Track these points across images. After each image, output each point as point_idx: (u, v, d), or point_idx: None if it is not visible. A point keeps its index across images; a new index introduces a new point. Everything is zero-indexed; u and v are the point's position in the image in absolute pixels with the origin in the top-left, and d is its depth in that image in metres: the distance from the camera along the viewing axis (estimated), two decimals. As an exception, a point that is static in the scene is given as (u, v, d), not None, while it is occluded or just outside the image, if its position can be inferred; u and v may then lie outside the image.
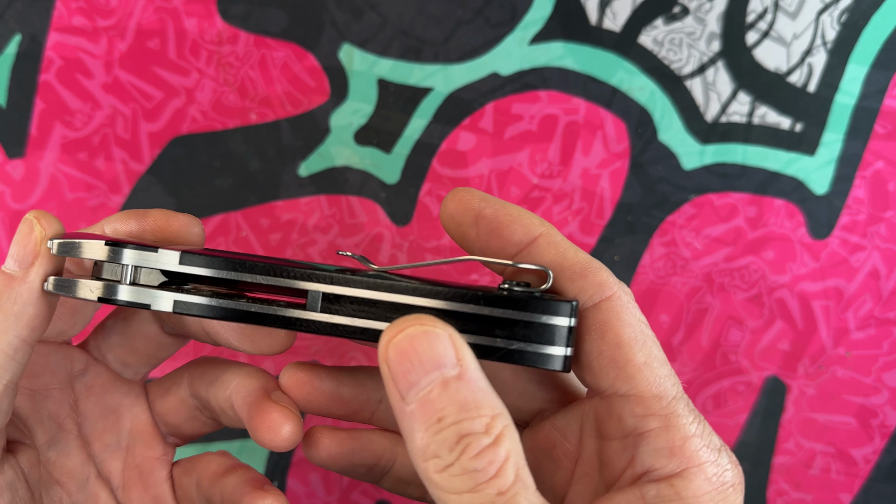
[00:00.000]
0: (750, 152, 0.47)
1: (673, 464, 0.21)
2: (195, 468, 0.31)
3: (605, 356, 0.23)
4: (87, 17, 0.44)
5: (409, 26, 0.45)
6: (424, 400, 0.20)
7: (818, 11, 0.46)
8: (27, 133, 0.45)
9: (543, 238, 0.24)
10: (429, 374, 0.21)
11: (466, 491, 0.20)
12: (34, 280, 0.25)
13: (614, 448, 0.23)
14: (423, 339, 0.21)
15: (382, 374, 0.21)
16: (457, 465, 0.20)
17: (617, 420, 0.23)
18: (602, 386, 0.23)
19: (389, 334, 0.21)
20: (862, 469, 0.50)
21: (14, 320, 0.25)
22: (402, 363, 0.21)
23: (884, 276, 0.48)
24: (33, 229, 0.25)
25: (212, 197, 0.46)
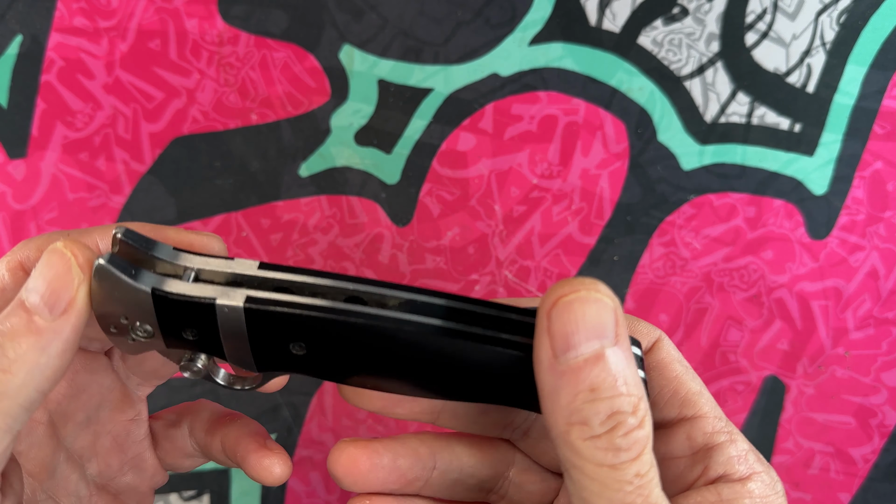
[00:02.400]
0: (749, 153, 0.47)
1: (743, 468, 0.24)
2: (184, 417, 0.30)
3: (668, 389, 0.26)
4: (88, 18, 0.44)
5: (410, 27, 0.45)
6: (580, 366, 0.21)
7: (817, 12, 0.46)
8: (28, 133, 0.45)
9: None
10: (590, 340, 0.21)
11: (608, 466, 0.21)
12: (69, 332, 0.22)
13: (683, 464, 0.25)
14: (593, 305, 0.21)
15: (538, 326, 0.21)
16: (604, 439, 0.21)
17: (685, 440, 0.25)
18: (670, 416, 0.26)
19: (559, 291, 0.21)
20: (861, 468, 0.51)
21: (38, 373, 0.22)
22: (567, 323, 0.21)
23: (883, 276, 0.48)
24: (70, 272, 0.22)
25: (213, 197, 0.46)
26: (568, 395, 0.21)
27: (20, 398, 0.21)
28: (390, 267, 0.47)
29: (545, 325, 0.21)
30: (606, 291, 0.21)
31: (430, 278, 0.48)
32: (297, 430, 0.49)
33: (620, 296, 0.48)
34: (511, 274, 0.48)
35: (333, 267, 0.47)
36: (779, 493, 0.24)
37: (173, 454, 0.31)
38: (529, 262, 0.48)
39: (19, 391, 0.21)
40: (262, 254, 0.47)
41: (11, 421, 0.22)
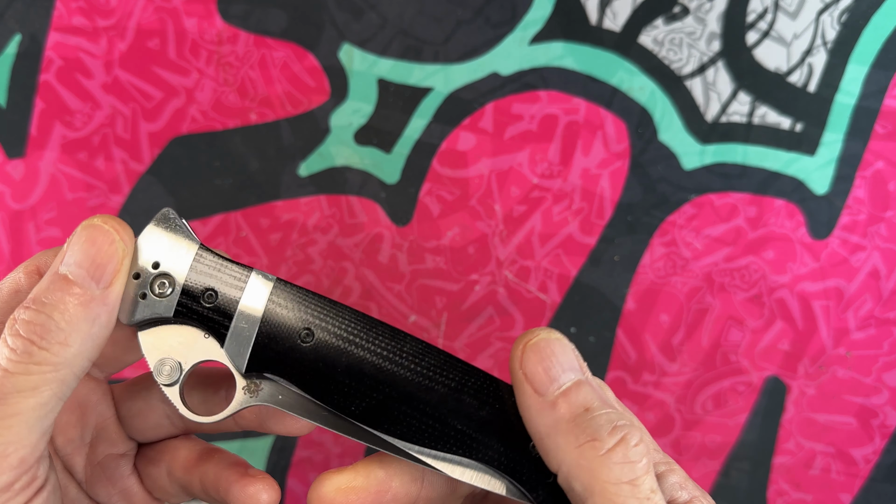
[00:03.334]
0: (750, 152, 0.47)
1: (685, 494, 0.24)
2: (161, 458, 0.30)
3: None
4: (87, 17, 0.44)
5: (409, 26, 0.45)
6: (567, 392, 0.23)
7: (818, 11, 0.46)
8: (27, 133, 0.45)
9: None
10: (566, 372, 0.23)
11: (627, 483, 0.21)
12: (115, 302, 0.23)
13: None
14: (559, 343, 0.23)
15: (515, 381, 0.23)
16: (619, 452, 0.21)
17: None
18: None
19: (523, 340, 0.23)
20: (862, 469, 0.50)
21: (89, 342, 0.23)
22: (541, 362, 0.23)
23: (884, 276, 0.48)
24: (114, 244, 0.23)
25: (212, 197, 0.46)
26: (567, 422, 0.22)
27: (75, 367, 0.22)
28: (390, 267, 0.47)
29: (521, 375, 0.23)
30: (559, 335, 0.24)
31: (430, 278, 0.48)
32: (297, 431, 0.49)
33: (621, 296, 0.48)
34: (511, 274, 0.48)
35: (333, 267, 0.47)
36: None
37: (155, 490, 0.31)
38: (530, 261, 0.48)
39: (74, 360, 0.22)
40: (262, 254, 0.47)
41: (66, 389, 0.23)
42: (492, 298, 0.48)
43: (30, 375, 0.22)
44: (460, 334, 0.48)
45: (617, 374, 0.49)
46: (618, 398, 0.27)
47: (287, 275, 0.47)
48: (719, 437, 0.50)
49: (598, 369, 0.49)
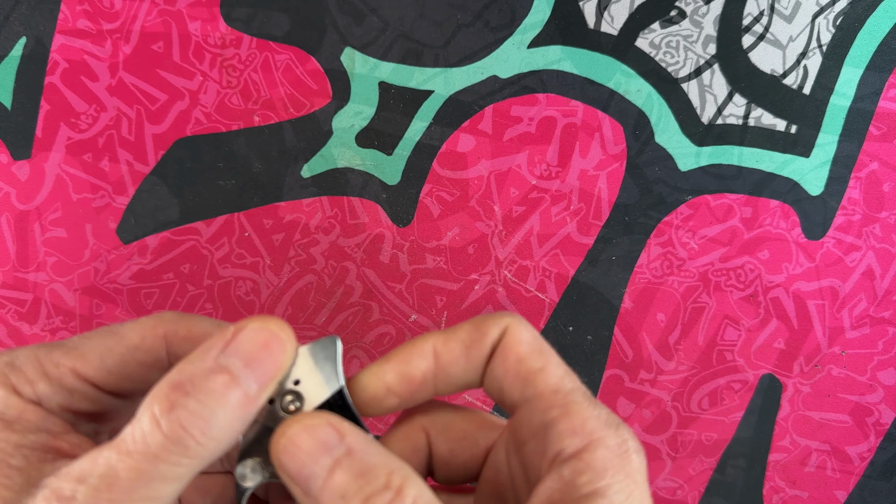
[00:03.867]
0: (745, 154, 0.47)
1: (577, 441, 0.23)
2: None
3: (511, 373, 0.25)
4: (92, 21, 0.44)
5: (410, 30, 0.45)
6: (324, 487, 0.22)
7: (813, 14, 0.46)
8: (33, 134, 0.45)
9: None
10: (319, 460, 0.22)
11: None
12: (263, 401, 0.23)
13: (531, 448, 0.24)
14: (304, 433, 0.23)
15: (284, 482, 0.23)
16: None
17: (527, 423, 0.24)
18: (514, 399, 0.25)
19: (274, 443, 0.23)
20: (857, 466, 0.50)
21: (233, 441, 0.23)
22: (293, 462, 0.22)
23: (879, 276, 0.48)
24: (285, 354, 0.23)
25: (215, 198, 0.46)
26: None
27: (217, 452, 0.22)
28: (391, 267, 0.47)
29: (285, 476, 0.23)
30: (311, 415, 0.23)
31: (430, 278, 0.48)
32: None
33: (618, 295, 0.48)
34: (510, 274, 0.48)
35: (335, 266, 0.47)
36: (627, 452, 0.23)
37: None
38: (528, 261, 0.48)
39: (216, 455, 0.22)
40: (265, 254, 0.47)
41: (197, 469, 0.22)
42: (491, 298, 0.48)
43: (178, 467, 0.21)
44: (460, 333, 0.49)
45: (614, 372, 0.49)
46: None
47: (289, 274, 0.47)
48: (715, 435, 0.50)
49: (595, 367, 0.49)
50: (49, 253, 0.46)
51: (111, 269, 0.46)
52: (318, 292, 0.47)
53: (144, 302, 0.47)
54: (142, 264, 0.46)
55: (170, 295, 0.47)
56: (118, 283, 0.46)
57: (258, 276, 0.47)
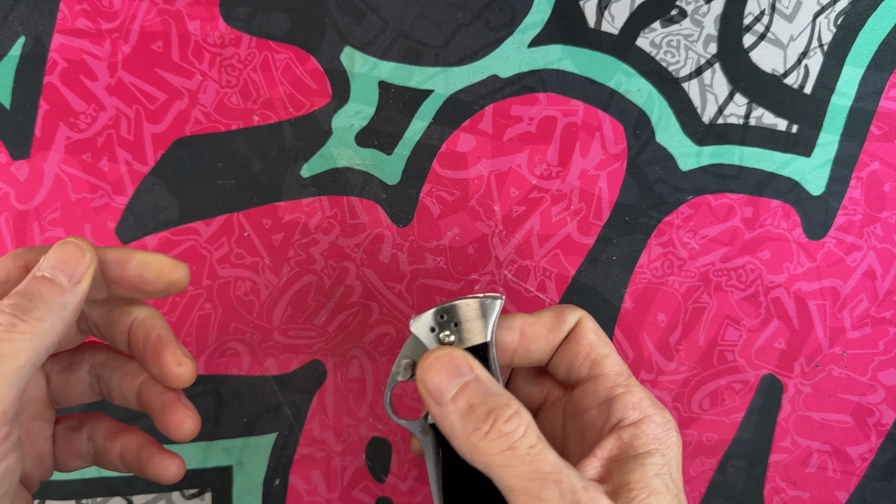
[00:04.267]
0: (746, 153, 0.47)
1: (636, 413, 0.31)
2: (84, 426, 0.36)
3: (582, 354, 0.33)
4: (91, 20, 0.44)
5: (410, 29, 0.45)
6: (455, 398, 0.29)
7: (814, 14, 0.46)
8: (31, 134, 0.45)
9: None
10: (453, 380, 0.29)
11: (506, 449, 0.27)
12: (81, 293, 0.29)
13: (592, 414, 0.32)
14: (445, 358, 0.30)
15: (421, 395, 0.30)
16: (494, 431, 0.28)
17: (592, 395, 0.33)
18: (581, 375, 0.33)
19: (420, 362, 0.30)
20: (858, 467, 0.51)
21: (61, 324, 0.29)
22: (431, 379, 0.30)
23: (880, 276, 0.48)
24: (84, 254, 0.30)
25: (215, 198, 0.46)
26: (458, 420, 0.29)
27: (46, 341, 0.28)
28: (391, 267, 0.47)
29: (423, 390, 0.30)
30: (451, 348, 0.31)
31: (430, 278, 0.48)
32: (299, 429, 0.49)
33: (619, 295, 0.48)
34: (510, 274, 0.48)
35: (334, 266, 0.47)
36: (670, 429, 0.31)
37: (67, 454, 0.36)
38: (529, 262, 0.48)
39: (47, 334, 0.28)
40: (264, 254, 0.47)
41: (38, 359, 0.28)
42: (491, 298, 0.48)
43: (11, 342, 0.27)
44: (460, 333, 0.49)
45: (615, 372, 0.49)
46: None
47: (289, 275, 0.47)
48: (716, 435, 0.50)
49: (596, 368, 0.49)
50: (48, 253, 0.46)
51: (110, 270, 0.46)
52: (318, 292, 0.47)
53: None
54: (141, 264, 0.46)
55: (169, 295, 0.47)
56: (117, 284, 0.46)
57: (257, 276, 0.47)
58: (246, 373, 0.48)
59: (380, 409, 0.49)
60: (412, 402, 0.49)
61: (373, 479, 0.50)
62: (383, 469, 0.50)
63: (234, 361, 0.48)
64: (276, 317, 0.48)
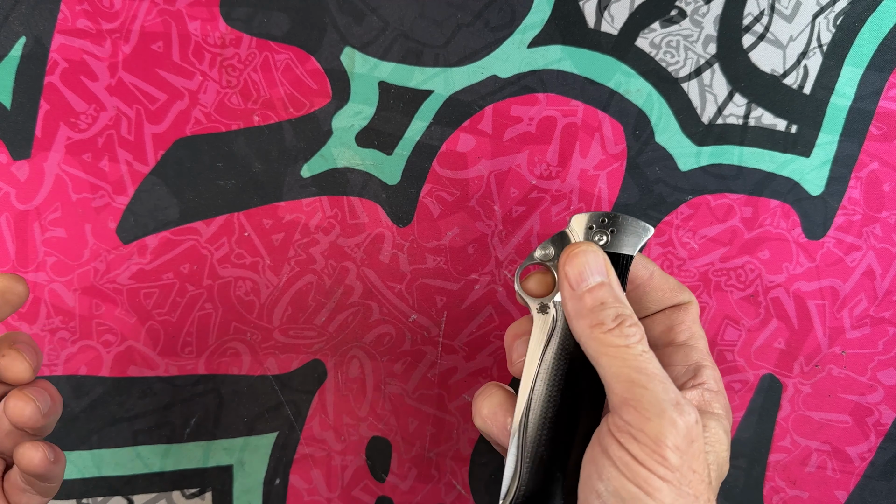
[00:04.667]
0: (746, 154, 0.47)
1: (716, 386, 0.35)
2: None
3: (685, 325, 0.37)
4: (92, 20, 0.44)
5: (410, 30, 0.45)
6: (591, 290, 0.33)
7: (814, 14, 0.46)
8: (32, 134, 0.45)
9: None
10: (594, 275, 0.33)
11: (623, 346, 0.31)
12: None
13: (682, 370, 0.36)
14: (590, 253, 0.34)
15: (559, 276, 0.34)
16: (616, 330, 0.32)
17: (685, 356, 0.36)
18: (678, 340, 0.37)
19: (569, 249, 0.34)
20: (857, 466, 0.51)
21: None
22: (575, 266, 0.33)
23: (879, 276, 0.49)
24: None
25: (215, 198, 0.46)
26: (588, 310, 0.32)
27: None
28: (391, 267, 0.48)
29: (563, 273, 0.34)
30: (597, 247, 0.34)
31: (430, 278, 0.48)
32: (299, 428, 0.49)
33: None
34: (510, 274, 0.48)
35: (334, 266, 0.47)
36: (730, 414, 0.35)
37: None
38: (528, 261, 0.48)
39: None
40: (265, 253, 0.47)
41: None
42: (491, 297, 0.48)
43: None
44: (460, 333, 0.49)
45: (615, 372, 0.49)
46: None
47: (289, 274, 0.47)
48: (715, 435, 0.50)
49: (596, 368, 0.49)
50: (49, 253, 0.46)
51: (111, 269, 0.46)
52: (318, 292, 0.48)
53: (144, 302, 0.47)
54: (141, 264, 0.46)
55: (169, 295, 0.47)
56: (118, 283, 0.46)
57: (258, 275, 0.47)
58: (246, 372, 0.48)
59: (380, 409, 0.49)
60: (412, 401, 0.49)
61: (373, 479, 0.50)
62: (383, 468, 0.50)
63: (235, 361, 0.48)
64: (277, 316, 0.48)
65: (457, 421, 0.50)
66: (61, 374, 0.47)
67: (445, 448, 0.50)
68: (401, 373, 0.49)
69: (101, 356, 0.47)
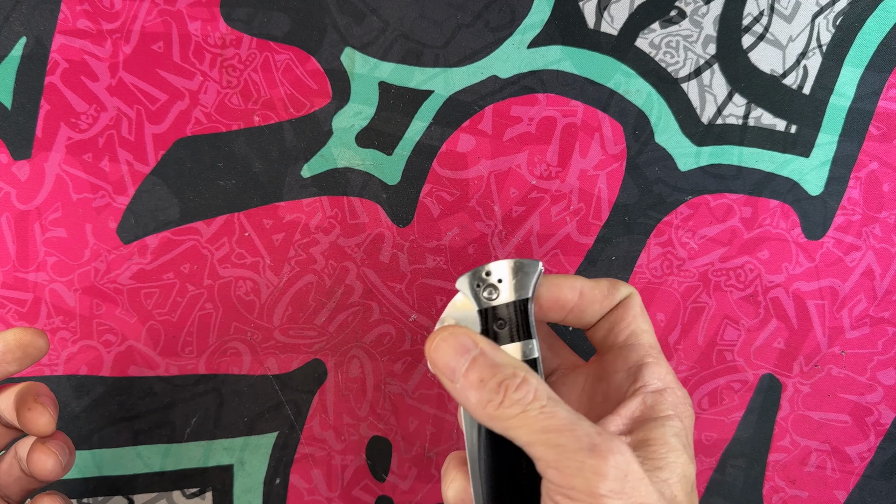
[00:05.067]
0: (745, 154, 0.47)
1: (660, 383, 0.33)
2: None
3: (625, 323, 0.35)
4: (92, 21, 0.44)
5: (410, 30, 0.45)
6: (465, 374, 0.31)
7: (813, 14, 0.46)
8: (33, 134, 0.45)
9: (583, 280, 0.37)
10: (461, 357, 0.31)
11: (520, 413, 0.30)
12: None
13: (620, 377, 0.34)
14: (447, 340, 0.32)
15: (435, 373, 0.32)
16: (506, 400, 0.30)
17: (624, 360, 0.35)
18: (618, 341, 0.35)
19: (428, 346, 0.32)
20: (857, 466, 0.51)
21: None
22: (440, 361, 0.32)
23: (879, 276, 0.49)
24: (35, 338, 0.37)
25: (215, 198, 0.46)
26: (473, 394, 0.31)
27: None
28: (391, 267, 0.48)
29: (437, 372, 0.32)
30: (454, 327, 0.32)
31: (430, 278, 0.48)
32: (299, 428, 0.49)
33: (618, 295, 0.48)
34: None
35: (335, 266, 0.47)
36: (687, 404, 0.33)
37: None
38: (528, 261, 0.48)
39: None
40: (265, 254, 0.47)
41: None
42: (491, 298, 0.48)
43: None
44: (460, 333, 0.49)
45: (614, 372, 0.49)
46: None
47: (289, 274, 0.47)
48: (715, 434, 0.50)
49: (595, 367, 0.49)
50: (49, 253, 0.46)
51: (111, 269, 0.46)
52: (318, 292, 0.48)
53: (144, 302, 0.47)
54: (142, 264, 0.46)
55: (170, 295, 0.47)
56: (118, 283, 0.46)
57: (258, 275, 0.47)
58: (247, 372, 0.48)
59: (380, 409, 0.49)
60: (412, 400, 0.49)
61: (373, 479, 0.50)
62: (383, 468, 0.50)
63: (235, 361, 0.48)
64: (277, 316, 0.48)
65: (457, 421, 0.50)
66: (62, 374, 0.47)
67: (445, 448, 0.50)
68: (401, 373, 0.49)
69: (101, 356, 0.47)
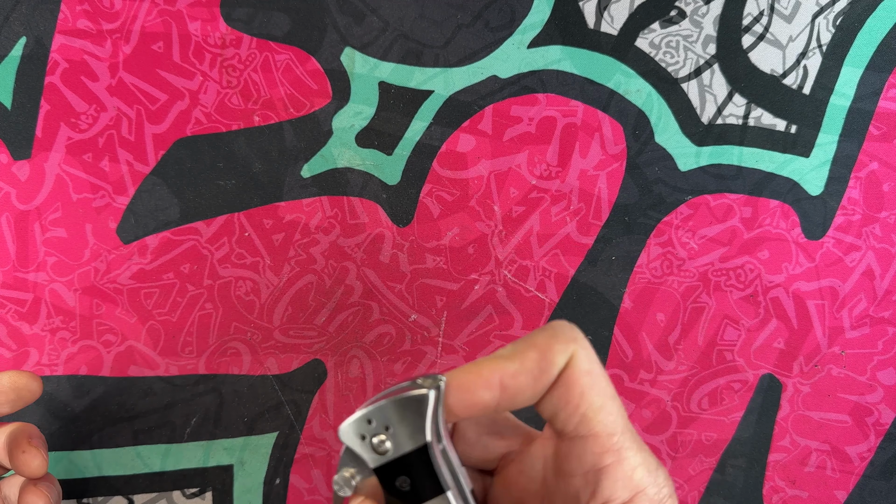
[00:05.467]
0: (745, 154, 0.47)
1: (626, 492, 0.26)
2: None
3: (571, 405, 0.26)
4: (92, 21, 0.44)
5: (410, 30, 0.45)
6: None
7: (813, 14, 0.46)
8: (33, 134, 0.45)
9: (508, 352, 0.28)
10: None
11: None
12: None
13: (577, 483, 0.27)
14: None
15: None
16: None
17: (577, 459, 0.27)
18: (567, 430, 0.27)
19: None
20: (857, 466, 0.51)
21: None
22: None
23: (878, 276, 0.49)
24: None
25: (215, 198, 0.46)
26: None
27: None
28: (391, 267, 0.48)
29: None
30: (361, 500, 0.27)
31: (430, 278, 0.48)
32: (299, 428, 0.49)
33: (618, 295, 0.48)
34: (510, 274, 0.48)
35: (335, 266, 0.47)
36: (664, 499, 0.26)
37: None
38: (528, 261, 0.48)
39: None
40: (265, 254, 0.47)
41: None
42: (491, 298, 0.48)
43: None
44: (460, 333, 0.49)
45: (614, 371, 0.49)
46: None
47: (290, 274, 0.47)
48: (715, 435, 0.50)
49: (595, 367, 0.49)
50: (49, 253, 0.46)
51: (111, 269, 0.46)
52: (318, 292, 0.48)
53: (144, 302, 0.47)
54: (142, 264, 0.46)
55: (170, 295, 0.47)
56: (118, 283, 0.46)
57: (258, 275, 0.47)
58: (247, 372, 0.48)
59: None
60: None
61: (373, 479, 0.50)
62: (383, 468, 0.50)
63: (235, 361, 0.48)
64: (277, 316, 0.48)
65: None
66: (62, 374, 0.47)
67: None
68: (401, 373, 0.49)
69: (101, 356, 0.47)
